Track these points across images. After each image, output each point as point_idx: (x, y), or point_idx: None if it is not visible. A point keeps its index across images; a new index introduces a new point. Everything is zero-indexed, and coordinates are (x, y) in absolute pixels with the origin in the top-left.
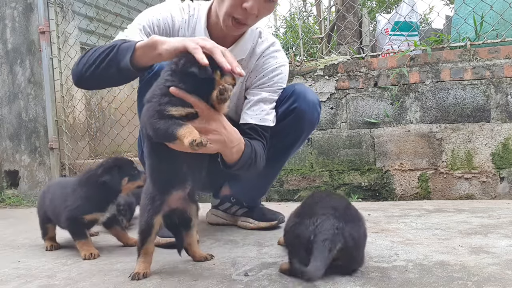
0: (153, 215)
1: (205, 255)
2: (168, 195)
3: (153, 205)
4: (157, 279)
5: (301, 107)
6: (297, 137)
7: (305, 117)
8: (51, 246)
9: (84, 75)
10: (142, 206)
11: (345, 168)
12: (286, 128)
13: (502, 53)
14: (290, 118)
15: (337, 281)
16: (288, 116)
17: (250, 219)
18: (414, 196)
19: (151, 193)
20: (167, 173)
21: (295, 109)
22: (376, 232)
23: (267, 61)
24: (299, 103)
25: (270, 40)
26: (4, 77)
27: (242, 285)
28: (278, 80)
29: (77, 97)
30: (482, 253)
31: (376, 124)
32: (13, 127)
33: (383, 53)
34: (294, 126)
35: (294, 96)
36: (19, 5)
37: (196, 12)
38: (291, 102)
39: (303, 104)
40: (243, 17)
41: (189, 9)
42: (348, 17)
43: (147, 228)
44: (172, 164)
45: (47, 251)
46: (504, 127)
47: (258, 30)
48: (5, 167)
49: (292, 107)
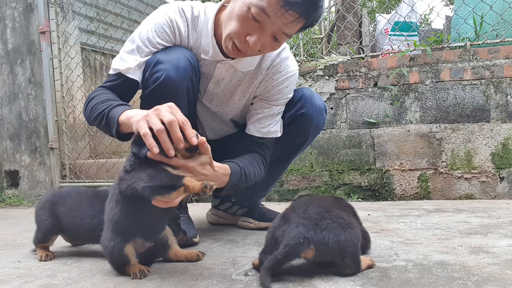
0: (123, 246)
1: (195, 252)
2: (130, 242)
3: (116, 239)
4: (157, 279)
5: (308, 113)
6: (303, 141)
7: (312, 122)
8: (47, 256)
9: (93, 125)
10: (106, 248)
11: (345, 168)
12: (293, 133)
13: (501, 53)
14: (297, 123)
15: (337, 281)
16: (295, 121)
17: (250, 219)
18: (414, 196)
19: (111, 237)
20: (133, 224)
21: (302, 115)
22: (376, 232)
23: (277, 71)
24: (306, 108)
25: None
26: (4, 77)
27: (242, 285)
28: (288, 92)
29: (77, 97)
30: (482, 253)
31: (376, 124)
32: (14, 127)
33: (383, 53)
34: (300, 130)
35: (302, 101)
36: (19, 5)
37: (202, 15)
38: (299, 107)
39: (311, 109)
40: (244, 48)
41: (192, 10)
42: (348, 17)
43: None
44: (141, 218)
45: (42, 261)
46: (503, 127)
47: None
48: (5, 167)
49: (300, 112)
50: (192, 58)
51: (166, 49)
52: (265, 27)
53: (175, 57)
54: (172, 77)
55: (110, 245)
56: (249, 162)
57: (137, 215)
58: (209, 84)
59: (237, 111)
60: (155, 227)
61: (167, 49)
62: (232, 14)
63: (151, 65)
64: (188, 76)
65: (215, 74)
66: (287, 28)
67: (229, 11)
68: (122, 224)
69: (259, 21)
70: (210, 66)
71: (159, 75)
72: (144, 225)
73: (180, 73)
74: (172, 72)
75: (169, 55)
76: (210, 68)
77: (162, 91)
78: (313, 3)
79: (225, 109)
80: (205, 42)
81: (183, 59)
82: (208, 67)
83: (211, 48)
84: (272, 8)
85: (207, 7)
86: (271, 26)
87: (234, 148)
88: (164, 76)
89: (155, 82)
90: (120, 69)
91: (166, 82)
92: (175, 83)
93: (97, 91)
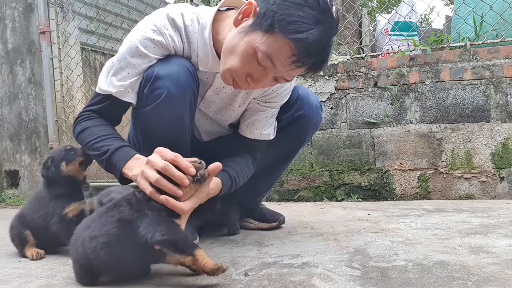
0: None
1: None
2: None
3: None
4: (157, 279)
5: (306, 114)
6: (302, 141)
7: (310, 122)
8: (37, 253)
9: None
10: None
11: (345, 168)
12: (291, 135)
13: (501, 53)
14: (296, 125)
15: (337, 281)
16: (293, 123)
17: (250, 219)
18: (414, 196)
19: None
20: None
21: (300, 116)
22: (376, 232)
23: None
24: (304, 110)
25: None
26: (4, 77)
27: (242, 285)
28: (286, 95)
29: (77, 97)
30: (482, 253)
31: (376, 124)
32: (14, 127)
33: (383, 53)
34: (299, 132)
35: (299, 102)
36: (19, 5)
37: (196, 24)
38: (296, 108)
39: (308, 109)
40: (243, 86)
41: (183, 18)
42: (348, 17)
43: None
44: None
45: (34, 260)
46: (503, 127)
47: None
48: (5, 167)
49: (298, 114)
50: (192, 69)
51: (164, 60)
52: (269, 72)
53: (175, 71)
54: (174, 94)
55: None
56: (240, 166)
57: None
58: (208, 92)
59: (237, 117)
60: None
61: (164, 60)
62: (234, 49)
63: (149, 80)
64: (190, 89)
65: (214, 83)
66: (291, 75)
67: (231, 43)
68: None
69: (264, 66)
70: (209, 75)
71: (159, 92)
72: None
73: (182, 89)
74: (173, 89)
75: (168, 68)
76: (209, 77)
77: (165, 109)
78: (324, 60)
79: (224, 115)
80: (203, 53)
81: (183, 72)
82: (207, 75)
83: (210, 59)
84: (281, 60)
85: (199, 14)
86: (275, 72)
87: (226, 147)
88: (165, 94)
89: (157, 99)
90: (111, 92)
91: (168, 100)
92: (178, 100)
93: (86, 121)
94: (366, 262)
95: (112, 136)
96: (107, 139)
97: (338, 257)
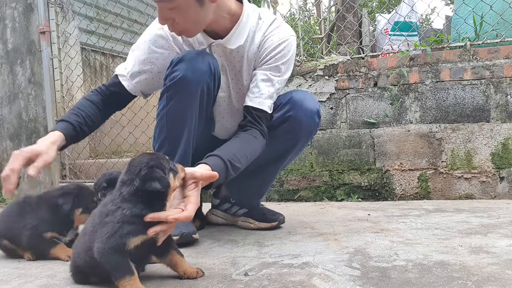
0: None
1: (196, 270)
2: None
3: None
4: (157, 278)
5: (296, 116)
6: (292, 145)
7: (302, 126)
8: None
9: None
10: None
11: (345, 168)
12: (283, 135)
13: (501, 53)
14: (287, 125)
15: (337, 281)
16: (284, 122)
17: (250, 219)
18: (414, 196)
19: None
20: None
21: (290, 117)
22: (376, 232)
23: (269, 40)
24: (294, 111)
25: (270, 19)
26: (4, 77)
27: (242, 285)
28: (280, 57)
29: (77, 97)
30: (482, 253)
31: (376, 124)
32: (14, 127)
33: (383, 53)
34: (289, 134)
35: (290, 104)
36: (19, 5)
37: None
38: (287, 109)
39: (300, 112)
40: (171, 30)
41: None
42: (348, 17)
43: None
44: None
45: (31, 260)
46: (503, 127)
47: (256, 12)
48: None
49: (288, 115)
50: (214, 65)
51: (192, 51)
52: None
53: (196, 59)
54: (188, 78)
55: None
56: (239, 145)
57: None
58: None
59: (237, 103)
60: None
61: (192, 50)
62: None
63: (173, 62)
64: (205, 80)
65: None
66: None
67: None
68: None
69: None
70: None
71: (176, 74)
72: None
73: (196, 76)
74: (188, 73)
75: (192, 56)
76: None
77: (176, 89)
78: None
79: (239, 93)
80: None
81: (203, 62)
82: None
83: (200, 34)
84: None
85: None
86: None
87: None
88: (180, 76)
89: (172, 80)
90: (117, 73)
91: (180, 82)
92: (190, 84)
93: (87, 95)
94: (366, 262)
95: (73, 111)
96: (70, 112)
97: (338, 257)
